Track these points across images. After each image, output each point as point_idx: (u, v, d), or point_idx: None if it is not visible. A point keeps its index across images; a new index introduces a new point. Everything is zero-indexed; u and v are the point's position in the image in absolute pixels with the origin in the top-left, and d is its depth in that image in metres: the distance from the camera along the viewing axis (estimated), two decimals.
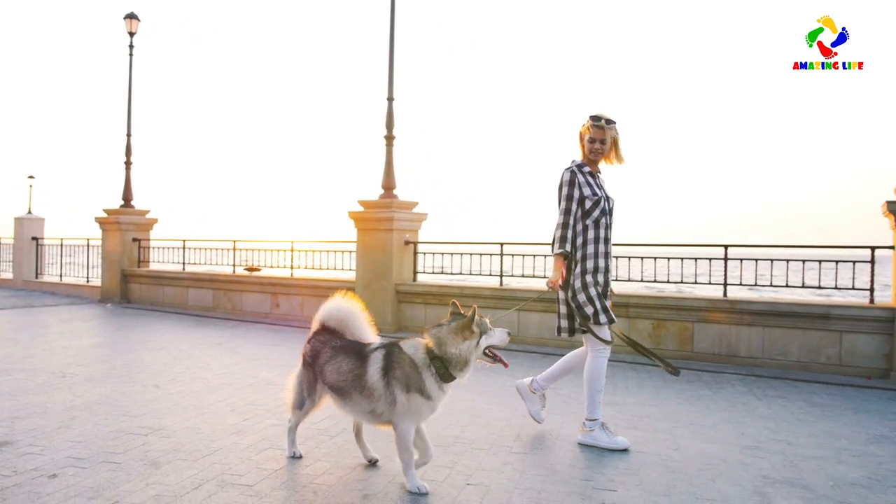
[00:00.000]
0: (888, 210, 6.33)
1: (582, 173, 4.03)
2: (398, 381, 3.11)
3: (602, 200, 4.00)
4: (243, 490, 3.07)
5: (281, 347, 7.74)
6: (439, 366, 3.09)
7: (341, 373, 3.28)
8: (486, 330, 3.18)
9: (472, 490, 3.16)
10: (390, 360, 3.16)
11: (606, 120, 4.00)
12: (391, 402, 3.12)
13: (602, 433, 3.96)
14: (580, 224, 3.99)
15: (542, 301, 7.03)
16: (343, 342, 3.43)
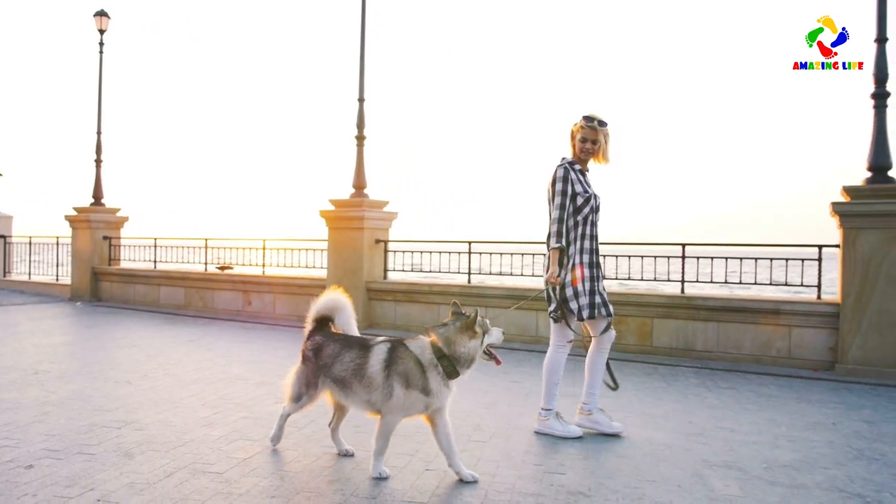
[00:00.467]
0: (834, 211, 6.66)
1: (574, 170, 4.15)
2: (399, 377, 3.24)
3: (592, 198, 4.14)
4: (214, 477, 3.24)
5: (252, 344, 7.87)
6: (447, 364, 3.22)
7: (344, 363, 3.40)
8: (487, 329, 3.32)
9: (431, 475, 3.36)
10: (394, 356, 3.30)
11: (599, 121, 4.12)
12: (387, 395, 3.25)
13: (556, 422, 4.17)
14: (571, 220, 4.12)
15: (537, 300, 7.26)
16: (345, 336, 3.57)
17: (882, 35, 6.68)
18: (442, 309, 8.88)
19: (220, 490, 3.06)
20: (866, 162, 6.70)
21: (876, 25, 6.69)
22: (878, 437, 4.32)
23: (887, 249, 6.39)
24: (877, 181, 6.60)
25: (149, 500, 2.92)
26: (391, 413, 3.27)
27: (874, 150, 6.66)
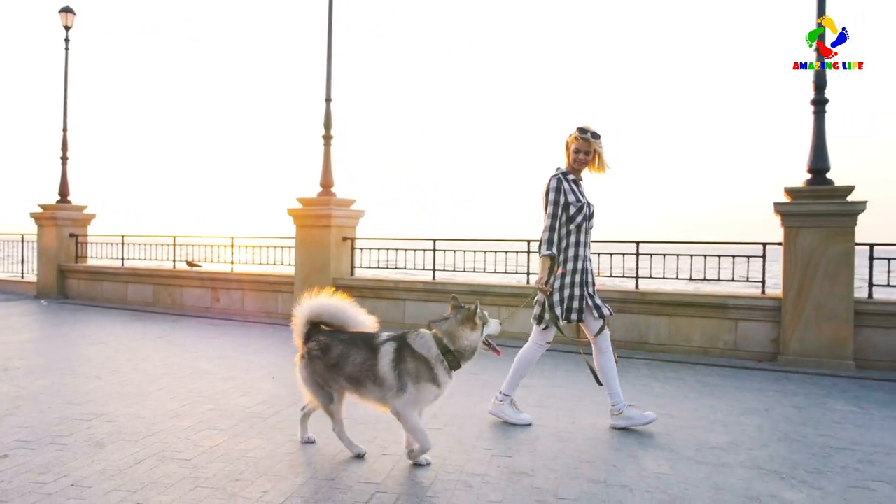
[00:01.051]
0: (776, 210, 7.05)
1: (567, 181, 4.32)
2: (409, 374, 3.39)
3: (584, 207, 4.30)
4: (182, 463, 3.45)
5: (220, 340, 8.02)
6: (451, 358, 3.39)
7: (355, 364, 3.50)
8: (486, 321, 3.50)
9: (386, 459, 3.61)
10: (401, 354, 3.43)
11: (593, 133, 4.28)
12: (399, 391, 3.40)
13: (510, 408, 4.44)
14: (563, 228, 4.29)
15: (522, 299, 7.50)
16: (350, 334, 3.65)
17: None
18: (408, 305, 9.14)
19: (187, 475, 3.28)
20: (807, 164, 7.10)
21: None
22: (804, 422, 4.68)
23: (825, 247, 6.79)
24: (816, 183, 7.00)
25: (120, 485, 3.12)
26: (406, 407, 3.42)
27: (813, 153, 7.06)
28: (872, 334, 6.79)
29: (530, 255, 8.57)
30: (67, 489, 3.06)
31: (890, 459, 3.81)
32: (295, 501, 2.96)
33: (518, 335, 6.32)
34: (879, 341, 6.76)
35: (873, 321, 6.79)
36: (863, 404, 5.24)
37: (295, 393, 5.22)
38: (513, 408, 4.46)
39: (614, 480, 3.34)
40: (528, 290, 8.33)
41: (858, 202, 6.74)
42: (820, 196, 6.88)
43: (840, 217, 6.78)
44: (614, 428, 4.33)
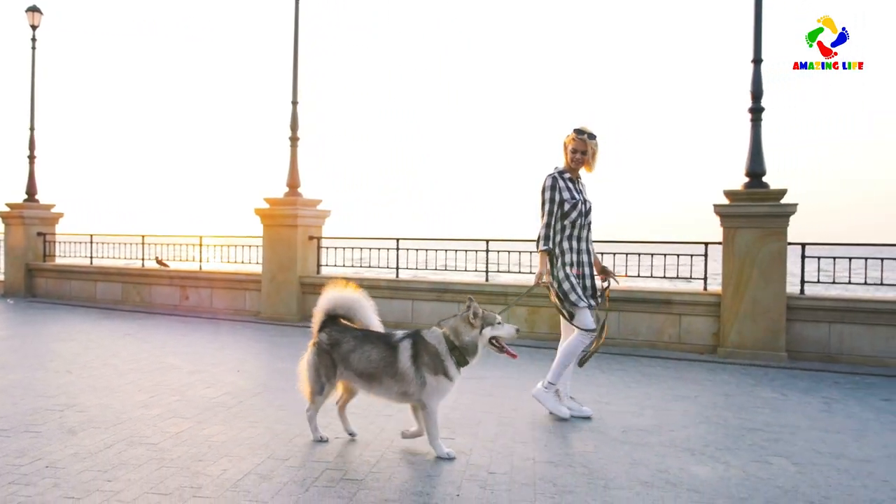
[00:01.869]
0: (716, 211, 7.51)
1: (563, 179, 4.58)
2: (427, 367, 3.63)
3: (580, 204, 4.56)
4: (149, 447, 3.75)
5: (189, 337, 8.27)
6: (457, 354, 3.64)
7: (371, 361, 3.70)
8: (491, 322, 3.66)
9: (338, 441, 3.95)
10: (418, 349, 3.67)
11: (589, 134, 4.55)
12: (421, 384, 3.63)
13: (553, 397, 4.63)
14: (559, 224, 4.56)
15: (530, 296, 7.85)
16: (363, 331, 3.86)
17: (758, 56, 7.53)
18: (374, 303, 9.43)
19: (153, 457, 3.58)
20: (745, 168, 7.57)
21: (752, 47, 7.55)
22: (728, 407, 5.12)
23: (760, 246, 7.27)
24: (753, 186, 7.47)
25: (91, 466, 3.42)
26: (430, 400, 3.66)
27: (751, 158, 7.53)
28: (803, 328, 7.29)
29: (489, 254, 8.95)
30: (42, 470, 3.35)
31: (794, 438, 4.25)
32: (251, 478, 3.28)
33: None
34: (809, 334, 7.26)
35: (804, 315, 7.28)
36: (785, 391, 5.70)
37: (258, 384, 5.55)
38: (556, 398, 4.64)
39: (542, 458, 3.72)
40: (486, 286, 8.71)
41: (790, 204, 7.22)
42: (755, 198, 7.36)
43: (774, 218, 7.26)
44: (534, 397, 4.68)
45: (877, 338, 7.03)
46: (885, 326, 7.01)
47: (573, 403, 4.73)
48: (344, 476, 3.34)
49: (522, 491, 3.21)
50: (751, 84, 7.56)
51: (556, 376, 4.66)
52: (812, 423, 4.65)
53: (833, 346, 7.18)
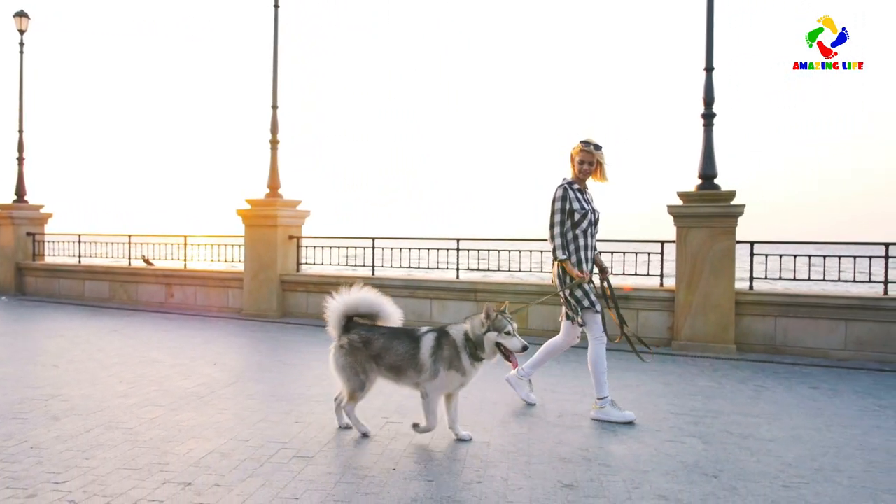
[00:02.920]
0: (670, 212, 7.94)
1: (572, 190, 4.74)
2: (443, 360, 3.91)
3: (588, 213, 4.74)
4: (125, 431, 4.15)
5: (172, 333, 8.65)
6: (471, 347, 3.91)
7: (398, 354, 3.99)
8: (500, 328, 3.87)
9: (297, 425, 4.37)
10: (440, 342, 3.95)
11: (595, 145, 4.71)
12: (433, 375, 3.91)
13: (612, 408, 4.67)
14: (570, 233, 4.74)
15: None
16: (390, 329, 4.14)
17: (709, 65, 7.96)
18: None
19: (128, 439, 3.99)
20: (698, 170, 8.00)
21: (704, 56, 7.98)
22: (664, 395, 5.56)
23: (711, 245, 7.71)
24: (705, 188, 7.91)
25: (71, 447, 3.82)
26: (434, 390, 3.95)
27: (703, 161, 7.96)
28: (752, 321, 7.74)
29: (459, 253, 9.36)
30: (27, 451, 3.75)
31: (714, 422, 4.68)
32: (213, 456, 3.70)
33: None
34: (757, 327, 7.71)
35: (752, 310, 7.73)
36: (723, 380, 6.14)
37: (233, 376, 5.95)
38: (615, 407, 4.71)
39: (479, 438, 4.14)
40: (455, 283, 9.13)
41: (739, 205, 7.66)
42: (706, 200, 7.79)
43: (723, 218, 7.70)
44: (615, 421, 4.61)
45: (819, 330, 7.48)
46: (826, 320, 7.46)
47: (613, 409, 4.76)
48: (296, 454, 3.76)
49: (453, 465, 3.63)
50: (703, 91, 7.99)
51: (600, 389, 4.76)
52: (735, 409, 5.09)
53: (779, 338, 7.63)
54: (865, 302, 7.40)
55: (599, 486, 3.36)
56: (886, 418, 4.86)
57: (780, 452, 3.99)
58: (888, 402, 5.34)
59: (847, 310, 7.40)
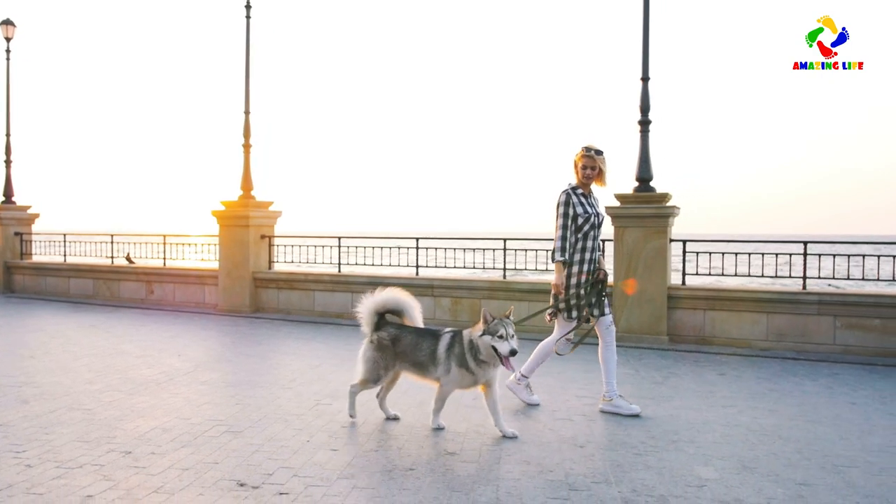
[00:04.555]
0: (607, 212, 8.52)
1: (576, 195, 4.95)
2: (455, 357, 4.29)
3: (592, 217, 4.94)
4: (84, 412, 4.74)
5: (147, 327, 9.24)
6: (474, 349, 4.21)
7: (422, 350, 4.39)
8: (493, 332, 4.13)
9: (238, 406, 4.96)
10: (453, 341, 4.34)
11: (596, 151, 4.92)
12: (447, 370, 4.31)
13: (620, 401, 4.97)
14: (573, 237, 4.94)
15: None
16: (416, 329, 4.54)
17: (645, 75, 8.55)
18: (317, 295, 10.45)
19: (86, 418, 4.58)
20: (635, 174, 8.59)
21: (641, 67, 8.56)
22: (578, 381, 6.14)
23: (645, 243, 8.30)
24: (641, 190, 8.50)
25: (34, 424, 4.41)
26: (447, 385, 4.35)
27: (640, 165, 8.55)
28: (683, 314, 8.34)
29: (419, 251, 9.95)
30: None
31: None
32: (156, 431, 4.29)
33: None
34: (688, 319, 8.32)
35: (683, 303, 8.33)
36: (640, 369, 6.74)
37: (193, 365, 6.54)
38: (623, 400, 4.96)
39: (405, 419, 4.74)
40: (414, 280, 9.72)
41: (671, 206, 8.26)
42: (641, 201, 8.38)
43: (657, 218, 8.29)
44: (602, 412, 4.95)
45: (743, 322, 8.09)
46: (749, 312, 8.06)
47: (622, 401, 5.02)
48: (228, 430, 4.35)
49: (359, 437, 4.23)
50: (640, 99, 8.58)
51: (609, 384, 5.05)
52: (637, 392, 5.69)
53: (707, 329, 8.24)
54: (785, 296, 8.01)
55: (477, 454, 3.95)
56: (768, 400, 5.46)
57: (650, 427, 4.59)
58: (779, 387, 5.94)
59: (768, 303, 8.01)
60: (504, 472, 3.66)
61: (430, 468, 3.69)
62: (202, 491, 3.28)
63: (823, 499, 3.32)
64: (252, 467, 3.64)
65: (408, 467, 3.68)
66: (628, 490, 3.39)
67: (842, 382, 6.17)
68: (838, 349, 7.62)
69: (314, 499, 3.20)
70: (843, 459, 3.94)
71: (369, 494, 3.27)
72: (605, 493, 3.35)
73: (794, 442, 4.28)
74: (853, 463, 3.88)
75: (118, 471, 3.55)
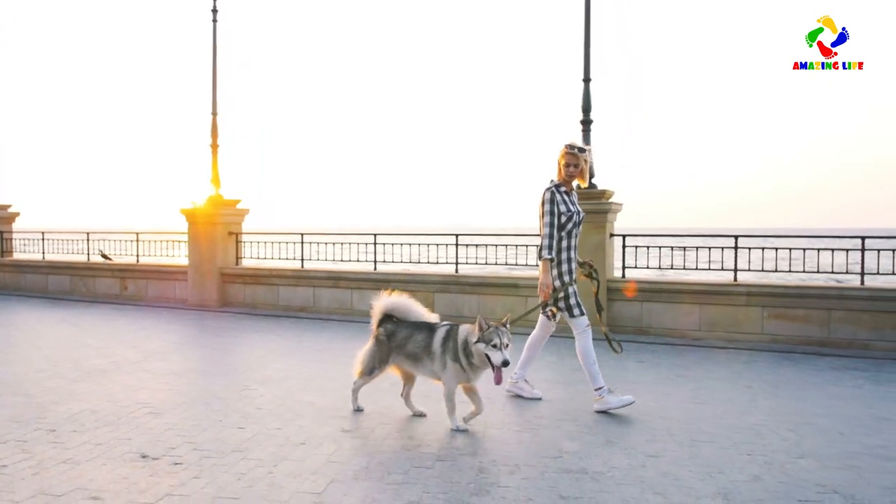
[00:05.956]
0: None
1: (559, 192, 4.92)
2: (449, 352, 4.33)
3: (574, 215, 4.93)
4: (26, 396, 5.12)
5: (115, 322, 9.63)
6: (467, 351, 4.26)
7: (416, 342, 4.48)
8: (487, 340, 4.13)
9: (164, 393, 5.37)
10: (448, 336, 4.38)
11: (579, 148, 4.92)
12: (443, 366, 4.35)
13: (610, 397, 4.89)
14: (557, 235, 4.91)
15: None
16: (414, 322, 4.65)
17: (587, 76, 8.91)
18: (281, 290, 10.85)
19: (24, 402, 4.97)
20: None
21: (583, 68, 8.93)
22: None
23: (585, 238, 8.61)
24: (588, 188, 8.88)
25: None
26: (448, 381, 4.36)
27: None
28: (622, 305, 8.72)
29: (376, 247, 10.34)
30: None
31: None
32: (84, 413, 4.68)
33: None
34: (627, 310, 8.70)
35: (623, 295, 8.71)
36: (566, 356, 7.11)
37: (144, 356, 6.93)
38: (612, 395, 4.94)
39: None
40: (372, 275, 10.11)
41: (611, 203, 8.64)
42: (582, 198, 8.70)
43: (596, 214, 8.67)
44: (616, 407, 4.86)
45: (678, 313, 8.48)
46: (684, 304, 8.45)
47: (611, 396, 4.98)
48: (151, 411, 4.75)
49: (266, 417, 4.63)
50: (581, 100, 8.95)
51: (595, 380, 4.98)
52: (554, 377, 6.09)
53: (644, 320, 8.63)
54: (717, 287, 8.40)
55: (370, 431, 4.35)
56: (671, 385, 5.85)
57: (540, 408, 4.98)
58: (690, 373, 6.34)
59: (702, 294, 8.40)
60: (386, 445, 4.06)
61: (318, 442, 4.08)
62: (106, 462, 3.68)
63: (662, 468, 3.71)
64: (160, 443, 4.03)
65: (299, 442, 4.08)
66: (488, 461, 3.79)
67: (752, 369, 6.56)
68: (766, 338, 8.02)
69: (202, 468, 3.60)
70: (705, 436, 4.32)
71: (254, 465, 3.67)
72: (465, 463, 3.74)
73: (669, 420, 4.68)
74: (712, 438, 4.26)
75: (38, 446, 3.95)
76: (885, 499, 3.31)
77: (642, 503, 3.21)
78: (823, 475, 3.61)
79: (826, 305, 7.84)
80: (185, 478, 3.45)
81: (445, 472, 3.60)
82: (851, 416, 4.83)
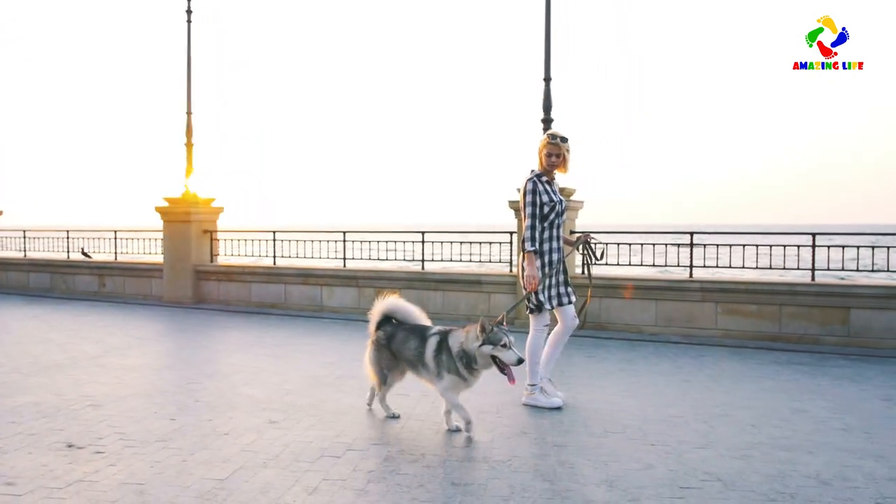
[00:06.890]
0: (510, 206, 9.06)
1: (541, 182, 4.83)
2: (443, 364, 4.17)
3: (556, 205, 4.84)
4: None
5: (87, 318, 9.80)
6: (466, 359, 4.08)
7: (410, 349, 4.36)
8: (494, 341, 3.95)
9: (107, 389, 5.54)
10: (440, 348, 4.20)
11: (561, 138, 4.82)
12: (438, 377, 4.21)
13: (541, 395, 4.92)
14: (539, 226, 4.81)
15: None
16: (409, 326, 4.54)
17: (547, 76, 9.06)
18: (253, 287, 11.02)
19: None
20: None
21: (543, 68, 9.07)
22: None
23: None
24: None
25: None
26: (446, 392, 4.21)
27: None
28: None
29: (346, 244, 10.51)
30: None
31: None
32: (27, 406, 4.85)
33: None
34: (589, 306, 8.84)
35: (582, 291, 8.85)
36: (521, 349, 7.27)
37: (104, 351, 7.11)
38: (543, 394, 4.92)
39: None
40: (340, 272, 10.28)
41: (573, 200, 8.79)
42: None
43: None
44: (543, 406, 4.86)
45: (634, 309, 8.64)
46: (641, 300, 8.61)
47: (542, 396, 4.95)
48: (92, 404, 4.92)
49: (220, 410, 4.80)
50: (542, 99, 9.10)
51: (532, 377, 4.94)
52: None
53: (603, 316, 8.78)
54: (672, 284, 8.57)
55: (294, 422, 4.53)
56: (609, 379, 6.02)
57: (469, 402, 5.10)
58: (634, 367, 6.50)
59: (658, 290, 8.57)
60: (305, 435, 4.23)
61: (240, 433, 4.25)
62: (32, 451, 3.85)
63: (562, 457, 3.87)
64: (90, 433, 4.20)
65: (223, 433, 4.25)
66: (396, 451, 3.95)
67: (697, 363, 6.71)
68: (720, 333, 8.19)
69: (122, 456, 3.77)
70: (618, 427, 4.48)
71: (172, 453, 3.84)
72: (374, 452, 3.91)
73: (590, 412, 4.84)
74: (623, 430, 4.42)
75: None
76: (765, 486, 3.47)
77: (528, 489, 3.38)
78: (715, 464, 3.77)
79: (777, 301, 8.02)
80: (102, 465, 3.62)
81: (352, 461, 3.77)
82: (770, 409, 4.99)
